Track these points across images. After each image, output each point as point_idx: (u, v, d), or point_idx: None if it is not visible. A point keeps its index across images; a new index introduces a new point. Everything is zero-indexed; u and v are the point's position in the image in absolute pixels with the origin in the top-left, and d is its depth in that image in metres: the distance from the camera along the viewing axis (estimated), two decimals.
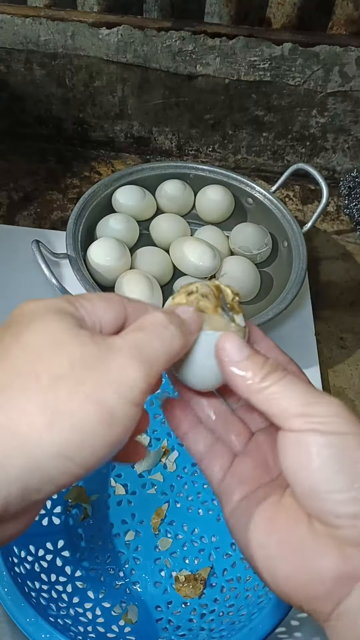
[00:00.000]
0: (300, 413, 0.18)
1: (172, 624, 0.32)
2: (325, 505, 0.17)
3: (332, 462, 0.17)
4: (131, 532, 0.36)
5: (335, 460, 0.17)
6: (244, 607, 0.31)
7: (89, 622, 0.31)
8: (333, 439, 0.18)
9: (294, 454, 0.18)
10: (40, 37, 0.55)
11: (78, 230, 0.47)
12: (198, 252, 0.46)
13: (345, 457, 0.17)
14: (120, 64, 0.56)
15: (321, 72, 0.54)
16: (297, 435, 0.18)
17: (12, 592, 0.27)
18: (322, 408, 0.18)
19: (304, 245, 0.47)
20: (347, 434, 0.18)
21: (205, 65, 0.55)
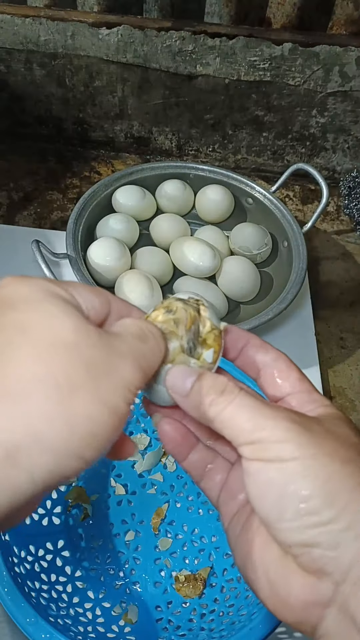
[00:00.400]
0: (248, 440, 0.18)
1: (172, 624, 0.32)
2: (278, 534, 0.17)
3: (275, 491, 0.17)
4: (131, 532, 0.36)
5: (279, 489, 0.17)
6: (244, 607, 0.31)
7: (89, 622, 0.31)
8: (278, 467, 0.17)
9: (248, 483, 0.18)
10: (40, 37, 0.55)
11: (78, 230, 0.47)
12: (198, 252, 0.46)
13: (289, 486, 0.17)
14: (120, 64, 0.56)
15: (321, 72, 0.54)
16: (250, 463, 0.18)
17: (12, 592, 0.27)
18: (269, 432, 0.18)
19: (304, 245, 0.47)
20: (291, 459, 0.17)
21: (205, 65, 0.55)
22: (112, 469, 0.38)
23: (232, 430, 0.18)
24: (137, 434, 0.39)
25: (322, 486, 0.17)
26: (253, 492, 0.18)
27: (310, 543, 0.17)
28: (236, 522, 0.20)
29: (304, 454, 0.17)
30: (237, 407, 0.18)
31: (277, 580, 0.18)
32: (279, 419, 0.18)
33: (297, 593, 0.17)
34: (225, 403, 0.19)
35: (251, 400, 0.19)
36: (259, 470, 0.18)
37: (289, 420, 0.18)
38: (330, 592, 0.17)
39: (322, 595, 0.17)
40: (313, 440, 0.18)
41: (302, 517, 0.17)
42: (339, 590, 0.16)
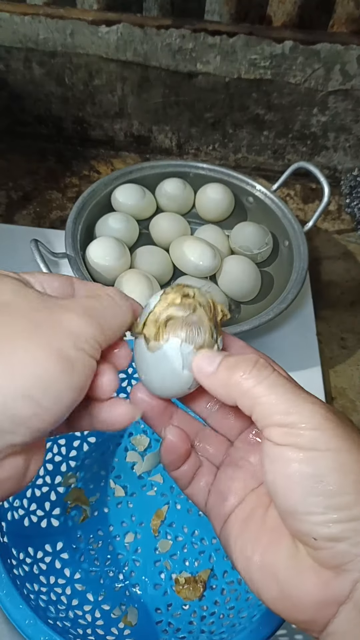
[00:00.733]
0: (281, 423, 0.17)
1: (172, 626, 0.32)
2: (304, 526, 0.17)
3: (310, 482, 0.17)
4: (131, 534, 0.35)
5: (309, 480, 0.17)
6: (245, 610, 0.30)
7: (88, 624, 0.31)
8: (312, 456, 0.17)
9: (274, 469, 0.17)
10: (39, 36, 0.55)
11: (77, 229, 0.47)
12: (198, 251, 0.46)
13: (321, 478, 0.16)
14: (120, 62, 0.56)
15: (322, 71, 0.54)
16: (278, 449, 0.17)
17: (11, 594, 0.27)
18: (304, 418, 0.17)
19: (305, 245, 0.47)
20: (326, 450, 0.17)
21: (206, 63, 0.55)
22: (112, 470, 0.38)
23: (263, 408, 0.17)
24: (137, 435, 0.39)
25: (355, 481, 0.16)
26: (278, 482, 0.17)
27: (337, 537, 0.16)
28: (232, 525, 0.20)
29: (339, 447, 0.17)
30: (271, 385, 0.18)
31: (288, 580, 0.17)
32: (316, 405, 0.17)
33: (311, 591, 0.17)
34: (260, 378, 0.18)
35: (286, 381, 0.18)
36: (288, 458, 0.17)
37: (325, 409, 0.17)
38: (347, 589, 0.16)
39: (338, 592, 0.16)
40: (348, 433, 0.17)
41: (332, 511, 0.16)
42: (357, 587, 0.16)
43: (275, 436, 0.17)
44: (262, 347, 0.47)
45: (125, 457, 0.38)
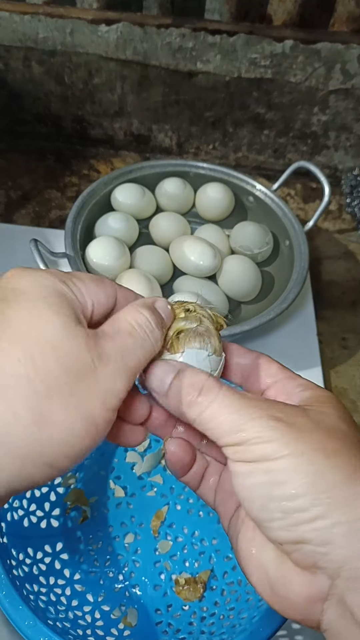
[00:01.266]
0: (231, 442, 0.17)
1: (172, 627, 0.32)
2: (269, 533, 0.17)
3: (262, 491, 0.17)
4: (130, 535, 0.35)
5: (265, 489, 0.17)
6: (245, 610, 0.30)
7: (88, 625, 0.31)
8: (261, 467, 0.17)
9: (237, 483, 0.18)
10: (39, 34, 0.54)
11: (77, 229, 0.46)
12: (198, 251, 0.46)
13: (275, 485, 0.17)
14: (120, 61, 0.56)
15: (323, 70, 0.54)
16: (233, 465, 0.18)
17: (10, 595, 0.27)
18: (253, 433, 0.17)
19: (306, 244, 0.47)
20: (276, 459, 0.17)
21: (206, 62, 0.55)
22: (112, 470, 0.38)
23: (214, 432, 0.18)
24: None
25: (307, 483, 0.16)
26: (241, 494, 0.18)
27: (301, 540, 0.16)
28: (234, 521, 0.20)
29: (289, 452, 0.17)
30: (218, 408, 0.18)
31: (276, 580, 0.18)
32: (262, 418, 0.17)
33: (296, 590, 0.17)
34: (206, 403, 0.18)
35: (233, 399, 0.18)
36: (244, 472, 0.17)
37: (272, 419, 0.17)
38: (327, 586, 0.17)
39: (319, 589, 0.17)
40: (298, 435, 0.17)
41: (290, 515, 0.16)
42: (335, 584, 0.16)
43: (230, 454, 0.18)
44: (262, 347, 0.46)
45: (125, 457, 0.38)
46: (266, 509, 0.17)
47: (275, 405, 0.18)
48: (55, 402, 0.15)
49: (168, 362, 0.20)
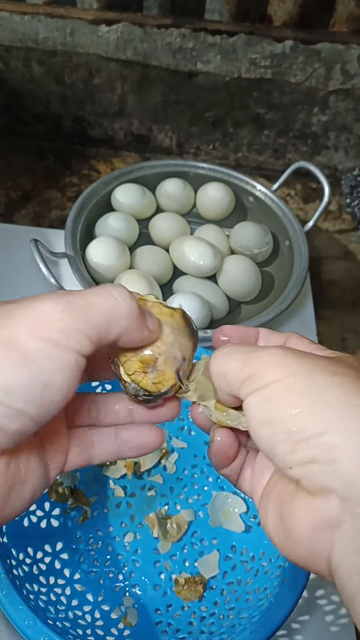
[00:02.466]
0: (240, 380, 0.18)
1: (172, 627, 0.32)
2: (279, 461, 0.17)
3: (267, 416, 0.17)
4: (130, 534, 0.35)
5: (269, 413, 0.17)
6: (245, 610, 0.30)
7: (87, 625, 0.31)
8: (262, 393, 0.17)
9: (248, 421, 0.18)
10: (39, 35, 0.54)
11: (77, 229, 0.47)
12: (198, 251, 0.46)
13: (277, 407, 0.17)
14: (120, 61, 0.56)
15: (323, 70, 0.54)
16: (244, 403, 0.18)
17: (10, 594, 0.27)
18: (257, 364, 0.17)
19: (306, 245, 0.47)
20: (275, 381, 0.17)
21: (206, 62, 0.55)
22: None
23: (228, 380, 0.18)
24: None
25: (307, 400, 0.16)
26: (252, 429, 0.18)
27: (306, 459, 0.16)
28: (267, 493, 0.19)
29: (288, 372, 0.17)
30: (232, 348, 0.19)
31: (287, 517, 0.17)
32: (266, 349, 0.18)
33: (302, 517, 0.16)
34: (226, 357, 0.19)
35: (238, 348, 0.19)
36: (251, 404, 0.17)
37: (276, 349, 0.18)
38: (337, 510, 0.15)
39: (327, 514, 0.16)
40: (300, 359, 0.17)
41: (293, 434, 0.16)
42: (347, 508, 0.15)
43: (242, 393, 0.18)
44: None
45: None
46: (271, 433, 0.17)
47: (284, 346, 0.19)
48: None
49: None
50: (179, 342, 0.20)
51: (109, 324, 0.18)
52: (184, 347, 0.20)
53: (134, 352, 0.20)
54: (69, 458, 0.21)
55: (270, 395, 0.17)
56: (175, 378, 0.20)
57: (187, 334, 0.21)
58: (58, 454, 0.21)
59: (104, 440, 0.22)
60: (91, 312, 0.17)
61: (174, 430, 0.39)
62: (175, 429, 0.39)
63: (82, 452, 0.21)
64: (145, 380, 0.20)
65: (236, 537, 0.35)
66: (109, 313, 0.18)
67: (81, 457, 0.21)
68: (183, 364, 0.20)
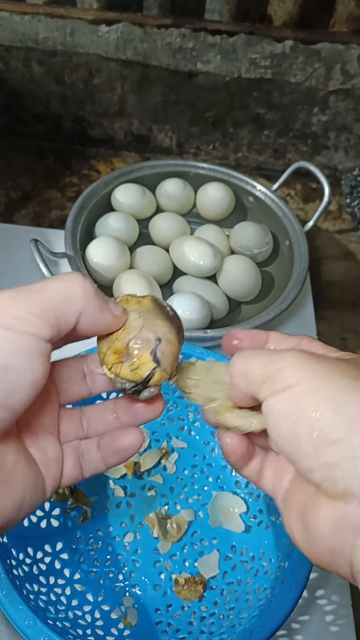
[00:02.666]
0: (261, 380, 0.18)
1: (172, 627, 0.32)
2: (300, 464, 0.17)
3: (288, 419, 0.17)
4: (130, 534, 0.35)
5: (290, 416, 0.17)
6: (245, 610, 0.30)
7: (87, 625, 0.31)
8: (285, 395, 0.17)
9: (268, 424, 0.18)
10: (39, 35, 0.54)
11: (77, 229, 0.47)
12: (198, 251, 0.46)
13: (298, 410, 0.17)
14: (120, 61, 0.56)
15: (323, 70, 0.54)
16: (265, 405, 0.18)
17: (10, 594, 0.27)
18: (277, 365, 0.18)
19: (306, 245, 0.47)
20: (297, 384, 0.17)
21: (206, 62, 0.55)
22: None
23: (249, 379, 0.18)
24: None
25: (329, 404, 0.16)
26: (272, 430, 0.18)
27: (329, 463, 0.16)
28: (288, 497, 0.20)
29: (309, 375, 0.17)
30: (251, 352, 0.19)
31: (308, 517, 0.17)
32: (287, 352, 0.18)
33: (324, 518, 0.16)
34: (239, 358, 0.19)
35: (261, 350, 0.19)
36: (273, 405, 0.17)
37: (297, 351, 0.18)
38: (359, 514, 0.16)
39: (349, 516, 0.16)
40: (321, 363, 0.17)
41: (315, 438, 0.16)
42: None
43: (262, 394, 0.18)
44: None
45: None
46: (293, 437, 0.17)
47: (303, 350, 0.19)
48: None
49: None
50: (149, 324, 0.19)
51: (65, 305, 0.18)
52: (156, 327, 0.19)
53: (108, 346, 0.20)
54: (65, 471, 0.21)
55: (292, 397, 0.17)
56: (152, 360, 0.19)
57: (159, 314, 0.20)
58: (52, 465, 0.21)
59: (90, 451, 0.22)
60: (43, 296, 0.18)
61: (174, 430, 0.39)
62: (175, 429, 0.39)
63: (76, 465, 0.22)
64: (124, 369, 0.19)
65: (236, 537, 0.35)
66: (63, 294, 0.18)
67: (75, 470, 0.22)
68: (159, 345, 0.19)
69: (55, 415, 0.21)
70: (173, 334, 0.20)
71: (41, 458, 0.20)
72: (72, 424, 0.22)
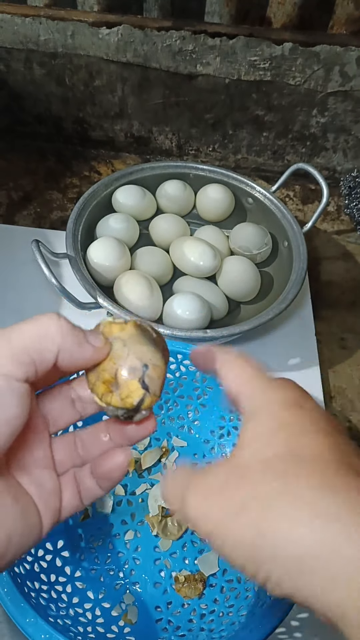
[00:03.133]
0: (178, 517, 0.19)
1: (172, 624, 0.32)
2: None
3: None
4: (131, 532, 0.35)
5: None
6: (244, 608, 0.31)
7: (88, 622, 0.31)
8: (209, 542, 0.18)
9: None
10: (40, 37, 0.55)
11: (78, 229, 0.47)
12: (198, 251, 0.46)
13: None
14: (120, 64, 0.56)
15: (321, 72, 0.54)
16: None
17: (12, 592, 0.27)
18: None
19: (305, 245, 0.47)
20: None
21: (206, 64, 0.55)
22: None
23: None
24: None
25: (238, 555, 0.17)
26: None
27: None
28: None
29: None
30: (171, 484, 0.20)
31: None
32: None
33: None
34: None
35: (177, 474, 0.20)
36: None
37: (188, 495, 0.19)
38: None
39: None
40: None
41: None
42: None
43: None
44: (261, 347, 0.47)
45: None
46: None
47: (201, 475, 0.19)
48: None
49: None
50: (133, 351, 0.20)
51: (40, 344, 0.18)
52: (141, 354, 0.20)
53: (95, 377, 0.20)
54: (64, 503, 0.21)
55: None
56: (141, 387, 0.19)
57: (142, 340, 0.20)
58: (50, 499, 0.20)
59: (85, 478, 0.21)
60: (15, 336, 0.18)
61: (174, 429, 0.39)
62: (175, 427, 0.39)
63: (75, 495, 0.21)
64: (115, 398, 0.20)
65: None
66: (36, 333, 0.18)
67: (75, 500, 0.21)
68: (147, 371, 0.19)
69: (47, 447, 0.21)
70: (158, 357, 0.20)
71: (37, 493, 0.20)
72: (66, 452, 0.22)
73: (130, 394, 0.19)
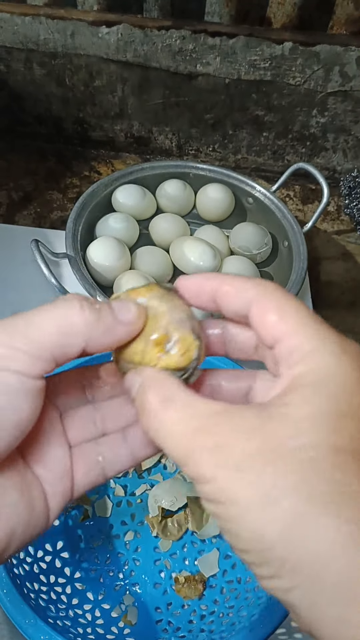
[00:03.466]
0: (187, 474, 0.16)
1: (172, 625, 0.32)
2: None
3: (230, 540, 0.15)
4: (130, 533, 0.35)
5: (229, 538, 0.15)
6: (244, 608, 0.30)
7: (88, 623, 0.31)
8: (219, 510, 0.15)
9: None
10: (40, 36, 0.55)
11: (78, 229, 0.47)
12: (198, 251, 0.46)
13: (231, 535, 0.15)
14: (120, 63, 0.56)
15: (321, 72, 0.54)
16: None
17: (11, 593, 0.27)
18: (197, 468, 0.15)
19: (304, 245, 0.47)
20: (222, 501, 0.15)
21: (206, 64, 0.55)
22: None
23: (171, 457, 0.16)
24: None
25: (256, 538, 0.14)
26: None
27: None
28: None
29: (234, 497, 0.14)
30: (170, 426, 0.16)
31: None
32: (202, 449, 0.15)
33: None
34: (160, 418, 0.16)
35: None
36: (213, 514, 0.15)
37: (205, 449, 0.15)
38: None
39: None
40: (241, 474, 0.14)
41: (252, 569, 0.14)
42: None
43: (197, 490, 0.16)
44: None
45: None
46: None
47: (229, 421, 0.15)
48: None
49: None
50: (172, 305, 0.18)
51: (63, 340, 0.16)
52: (180, 307, 0.18)
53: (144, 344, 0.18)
54: (76, 480, 0.19)
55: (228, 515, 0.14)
56: (194, 338, 0.18)
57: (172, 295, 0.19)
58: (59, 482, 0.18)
59: (113, 448, 0.19)
60: (33, 331, 0.16)
61: None
62: None
63: (91, 470, 0.19)
64: (174, 358, 0.17)
65: None
66: (58, 330, 0.16)
67: (91, 475, 0.19)
68: (193, 321, 0.18)
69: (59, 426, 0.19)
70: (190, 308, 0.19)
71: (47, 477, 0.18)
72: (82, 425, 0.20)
73: (189, 347, 0.18)
